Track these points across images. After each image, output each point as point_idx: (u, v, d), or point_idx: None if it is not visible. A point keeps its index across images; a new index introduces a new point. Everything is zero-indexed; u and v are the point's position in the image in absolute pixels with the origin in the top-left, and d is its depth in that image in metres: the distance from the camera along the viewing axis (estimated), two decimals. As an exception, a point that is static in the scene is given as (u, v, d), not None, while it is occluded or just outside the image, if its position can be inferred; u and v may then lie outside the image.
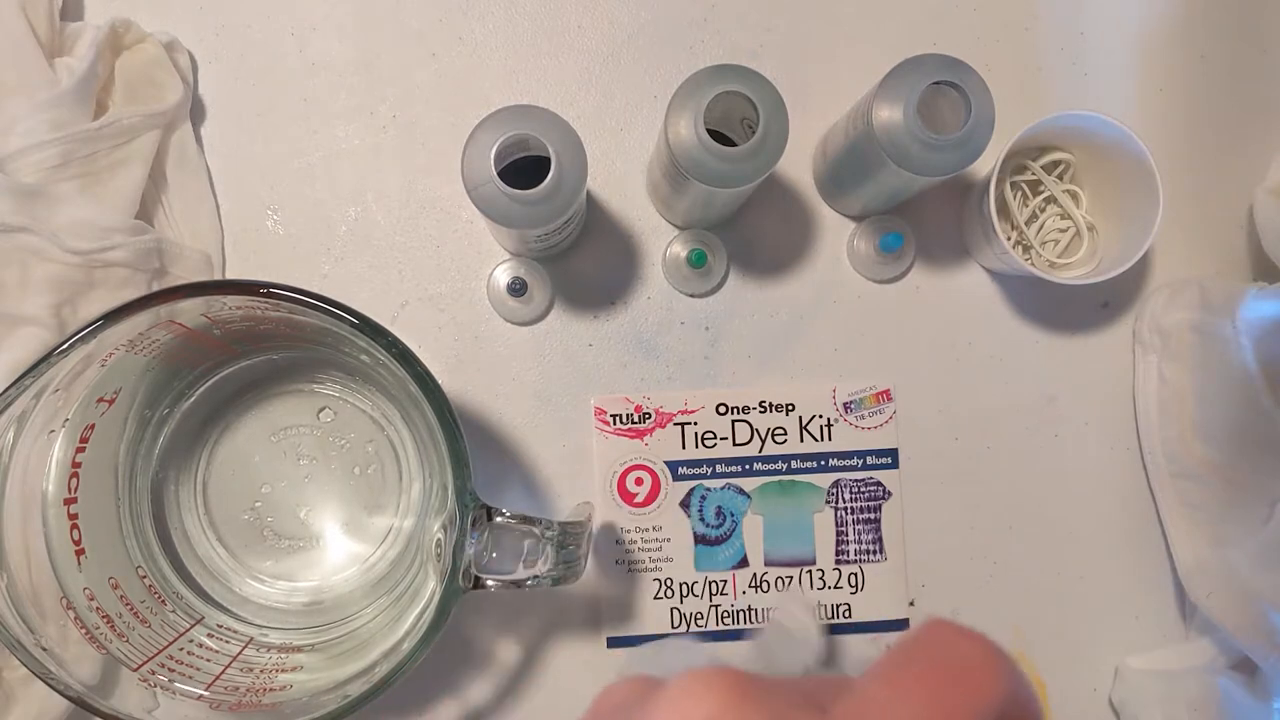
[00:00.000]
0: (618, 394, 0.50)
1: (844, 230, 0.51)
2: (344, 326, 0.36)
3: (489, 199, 0.39)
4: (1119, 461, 0.51)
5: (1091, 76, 0.52)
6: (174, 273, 0.47)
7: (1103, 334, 0.51)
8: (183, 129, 0.48)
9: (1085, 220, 0.50)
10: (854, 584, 0.49)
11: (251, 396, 0.46)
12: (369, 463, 0.46)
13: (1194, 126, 0.52)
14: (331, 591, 0.46)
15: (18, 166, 0.44)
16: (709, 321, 0.50)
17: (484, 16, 0.51)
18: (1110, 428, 0.51)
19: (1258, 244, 0.50)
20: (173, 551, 0.45)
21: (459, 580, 0.35)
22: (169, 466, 0.45)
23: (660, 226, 0.50)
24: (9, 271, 0.43)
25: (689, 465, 0.49)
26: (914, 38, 0.51)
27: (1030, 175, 0.50)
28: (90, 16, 0.49)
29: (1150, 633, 0.50)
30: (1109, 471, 0.51)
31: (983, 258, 0.50)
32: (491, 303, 0.49)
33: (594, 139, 0.50)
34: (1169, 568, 0.50)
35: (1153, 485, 0.50)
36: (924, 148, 0.40)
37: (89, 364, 0.37)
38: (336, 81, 0.50)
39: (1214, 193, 0.52)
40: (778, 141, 0.39)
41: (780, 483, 0.50)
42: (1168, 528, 0.50)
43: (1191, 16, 0.52)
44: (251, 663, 0.41)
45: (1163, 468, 0.49)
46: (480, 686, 0.48)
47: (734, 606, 0.49)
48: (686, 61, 0.51)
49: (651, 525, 0.49)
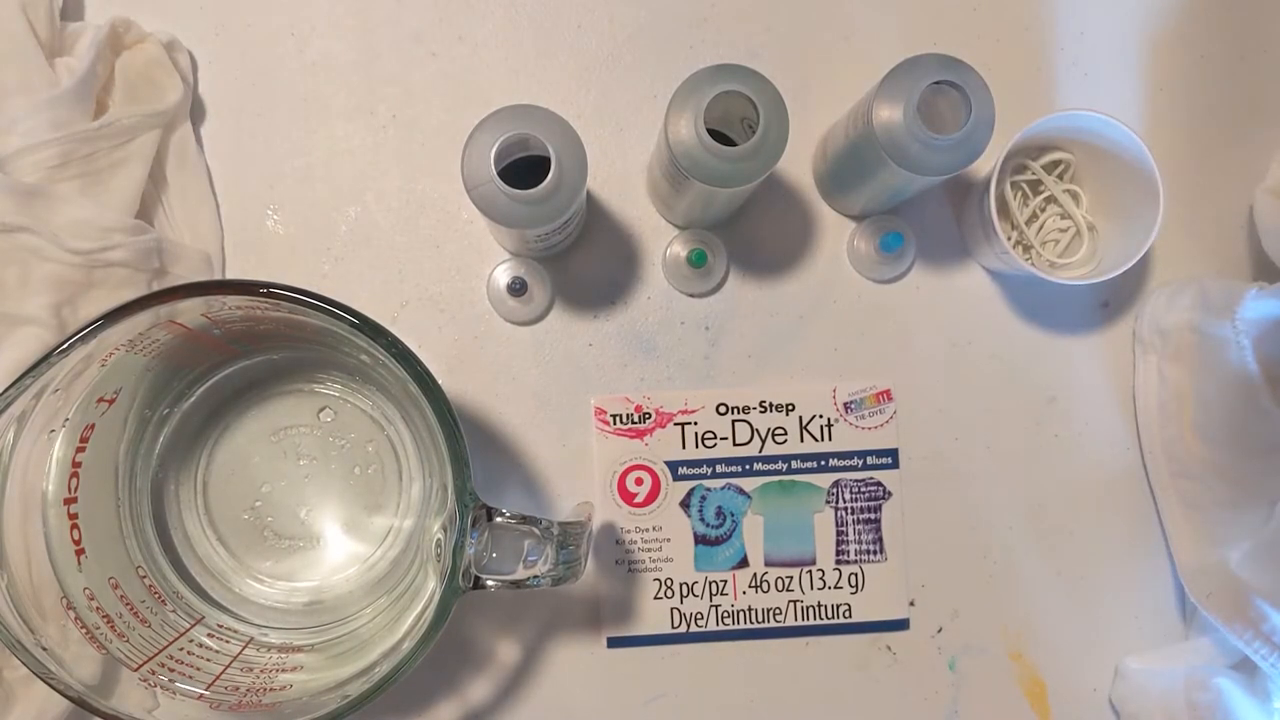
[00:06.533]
0: (618, 394, 0.50)
1: (844, 230, 0.51)
2: (344, 326, 0.36)
3: (489, 199, 0.39)
4: (1119, 461, 0.51)
5: (1091, 76, 0.52)
6: (174, 273, 0.47)
7: (1103, 334, 0.51)
8: (183, 129, 0.48)
9: (1085, 220, 0.50)
10: (854, 584, 0.49)
11: (251, 396, 0.46)
12: (369, 463, 0.46)
13: (1194, 126, 0.52)
14: (331, 591, 0.46)
15: (18, 166, 0.44)
16: (709, 321, 0.50)
17: (484, 16, 0.51)
18: (1110, 428, 0.51)
19: (1258, 244, 0.50)
20: (173, 551, 0.45)
21: (459, 580, 0.35)
22: (169, 466, 0.45)
23: (660, 226, 0.50)
24: (9, 271, 0.43)
25: (689, 465, 0.49)
26: (914, 38, 0.51)
27: (1030, 175, 0.50)
28: (90, 16, 0.49)
29: (1150, 633, 0.50)
30: (1109, 471, 0.51)
31: (983, 258, 0.50)
32: (491, 303, 0.49)
33: (594, 139, 0.50)
34: (1169, 568, 0.50)
35: (1153, 485, 0.50)
36: (924, 148, 0.40)
37: (89, 364, 0.37)
38: (336, 81, 0.50)
39: (1214, 193, 0.52)
40: (778, 141, 0.39)
41: (780, 483, 0.50)
42: (1168, 528, 0.50)
43: (1191, 16, 0.52)
44: (251, 663, 0.41)
45: (1163, 468, 0.49)
46: (480, 686, 0.48)
47: (734, 607, 0.49)
48: (686, 61, 0.51)
49: (651, 525, 0.49)
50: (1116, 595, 0.50)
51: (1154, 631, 0.50)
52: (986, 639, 0.50)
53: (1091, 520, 0.51)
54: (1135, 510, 0.51)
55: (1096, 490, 0.51)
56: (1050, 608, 0.50)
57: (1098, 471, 0.51)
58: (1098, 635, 0.50)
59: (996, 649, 0.50)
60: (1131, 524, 0.51)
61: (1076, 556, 0.50)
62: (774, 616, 0.49)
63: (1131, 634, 0.50)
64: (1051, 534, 0.50)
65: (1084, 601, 0.50)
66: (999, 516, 0.50)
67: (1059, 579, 0.50)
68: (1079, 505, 0.51)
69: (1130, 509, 0.51)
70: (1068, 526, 0.51)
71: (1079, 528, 0.51)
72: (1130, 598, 0.51)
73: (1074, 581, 0.50)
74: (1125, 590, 0.51)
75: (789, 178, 0.51)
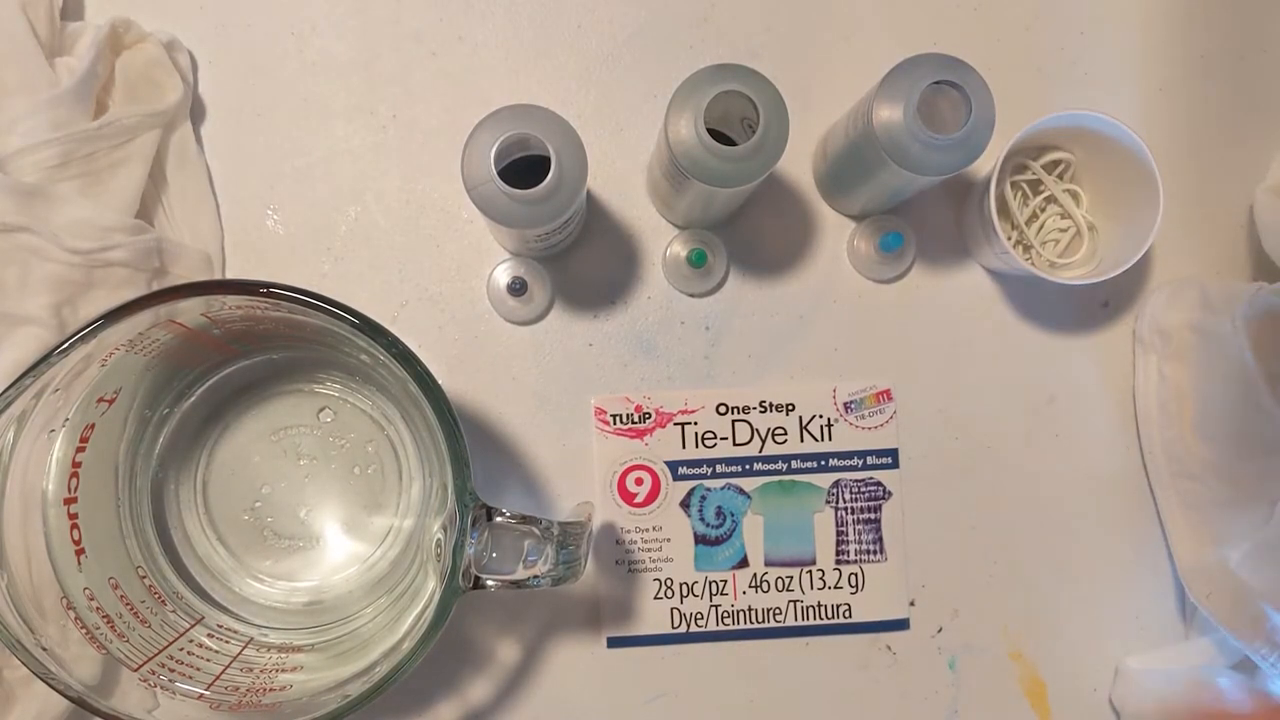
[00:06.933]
0: (618, 394, 0.50)
1: (844, 230, 0.51)
2: (344, 326, 0.36)
3: (489, 199, 0.39)
4: (1119, 461, 0.51)
5: (1091, 76, 0.52)
6: (174, 272, 0.47)
7: (1103, 334, 0.51)
8: (183, 129, 0.48)
9: (1085, 220, 0.50)
10: (854, 584, 0.49)
11: (251, 396, 0.46)
12: (369, 463, 0.46)
13: (1194, 126, 0.52)
14: (331, 591, 0.46)
15: (18, 166, 0.44)
16: (709, 321, 0.50)
17: (484, 16, 0.51)
18: (1110, 428, 0.51)
19: (1258, 244, 0.50)
20: (173, 551, 0.45)
21: (459, 580, 0.35)
22: (169, 466, 0.45)
23: (660, 226, 0.50)
24: (9, 271, 0.43)
25: (689, 465, 0.49)
26: (914, 38, 0.51)
27: (1030, 175, 0.50)
28: (90, 16, 0.49)
29: (1150, 633, 0.50)
30: (1109, 471, 0.51)
31: (983, 258, 0.50)
32: (491, 302, 0.49)
33: (594, 139, 0.50)
34: (1169, 568, 0.50)
35: (1153, 485, 0.50)
36: (924, 148, 0.40)
37: (89, 364, 0.37)
38: (336, 81, 0.50)
39: (1214, 193, 0.52)
40: (778, 141, 0.39)
41: (780, 483, 0.50)
42: (1168, 528, 0.50)
43: (1191, 16, 0.52)
44: (251, 663, 0.41)
45: (1163, 468, 0.49)
46: (480, 686, 0.48)
47: (734, 606, 0.49)
48: (686, 61, 0.51)
49: (651, 525, 0.49)
50: (1116, 595, 0.50)
51: (1154, 631, 0.50)
52: (986, 639, 0.50)
53: (1091, 520, 0.51)
54: (1135, 510, 0.51)
55: (1096, 490, 0.51)
56: (1050, 608, 0.50)
57: (1098, 471, 0.51)
58: (1098, 635, 0.50)
59: (996, 649, 0.50)
60: (1131, 524, 0.51)
61: (1076, 556, 0.50)
62: (774, 616, 0.49)
63: (1131, 634, 0.50)
64: (1051, 534, 0.50)
65: (1084, 601, 0.50)
66: (999, 516, 0.50)
67: (1059, 579, 0.50)
68: (1079, 505, 0.51)
69: (1130, 509, 0.51)
70: (1068, 526, 0.51)
71: (1079, 528, 0.51)
72: (1130, 598, 0.51)
73: (1074, 581, 0.50)
74: (1125, 590, 0.51)
75: (789, 178, 0.51)
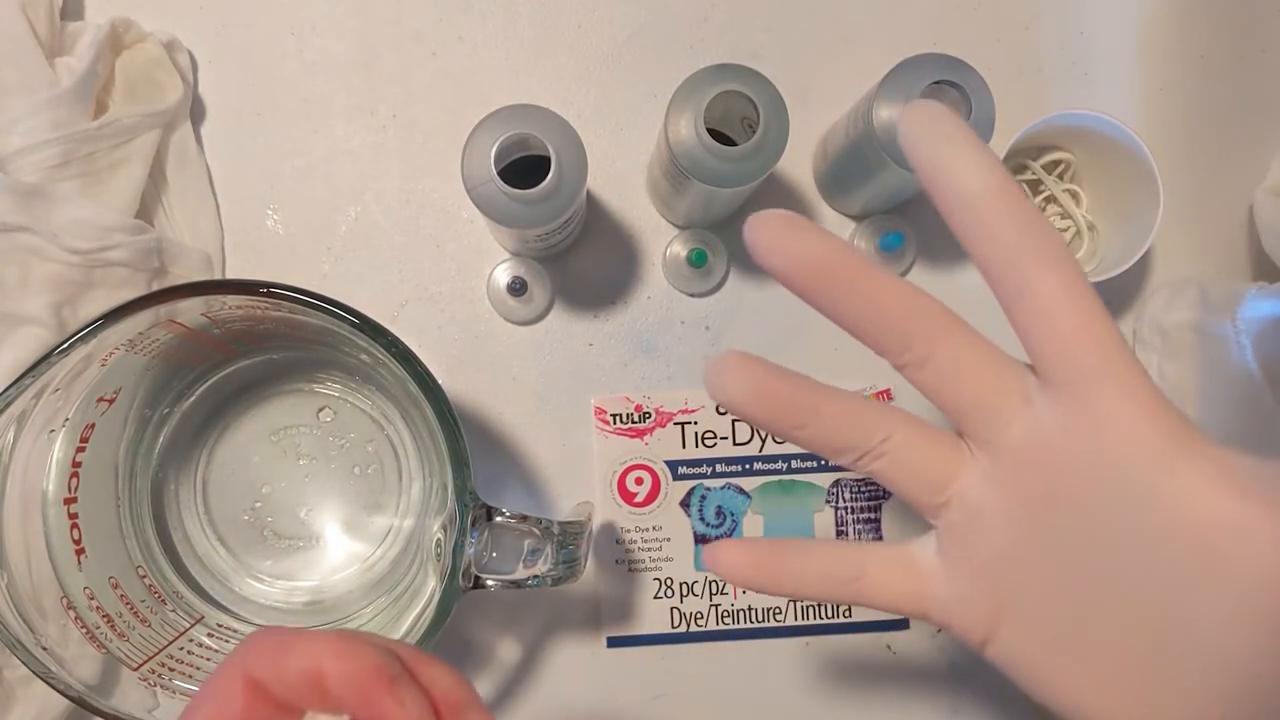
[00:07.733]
0: (618, 393, 0.50)
1: (844, 230, 0.51)
2: (344, 326, 0.36)
3: (489, 199, 0.39)
4: (1119, 461, 0.51)
5: (1091, 76, 0.52)
6: (174, 272, 0.47)
7: (1103, 334, 0.51)
8: (183, 129, 0.48)
9: (1085, 220, 0.50)
10: (854, 584, 0.49)
11: (251, 396, 0.46)
12: (369, 462, 0.46)
13: (1194, 126, 0.52)
14: (331, 591, 0.46)
15: (18, 166, 0.44)
16: (709, 321, 0.50)
17: (484, 16, 0.51)
18: (1110, 428, 0.51)
19: (1258, 244, 0.50)
20: (173, 551, 0.45)
21: (459, 580, 0.35)
22: (169, 466, 0.45)
23: (660, 226, 0.50)
24: (9, 271, 0.43)
25: (689, 465, 0.49)
26: (914, 38, 0.51)
27: (1030, 175, 0.50)
28: (90, 16, 0.49)
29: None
30: (1109, 471, 0.51)
31: (983, 258, 0.50)
32: (491, 302, 0.49)
33: (594, 139, 0.50)
34: (1169, 568, 0.50)
35: (1153, 485, 0.50)
36: (924, 147, 0.40)
37: (89, 364, 0.37)
38: (336, 81, 0.50)
39: (1214, 193, 0.52)
40: (778, 141, 0.39)
41: (780, 482, 0.50)
42: (1168, 528, 0.49)
43: (1191, 16, 0.52)
44: (251, 662, 0.41)
45: (1163, 468, 0.49)
46: (480, 686, 0.48)
47: (734, 606, 0.49)
48: (686, 61, 0.51)
49: (651, 525, 0.49)
50: (1116, 595, 0.50)
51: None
52: (986, 639, 0.50)
53: (1091, 520, 0.51)
54: (1135, 510, 0.51)
55: (1096, 490, 0.51)
56: (1050, 608, 0.50)
57: (1098, 471, 0.51)
58: (1098, 635, 0.50)
59: (996, 649, 0.50)
60: (1131, 524, 0.51)
61: (1076, 556, 0.50)
62: (774, 616, 0.49)
63: (1131, 634, 0.50)
64: (1051, 534, 0.50)
65: (1084, 601, 0.50)
66: (999, 516, 0.50)
67: (1059, 579, 0.50)
68: (1079, 505, 0.51)
69: (1130, 509, 0.51)
70: (1068, 526, 0.50)
71: (1079, 528, 0.50)
72: (1130, 598, 0.50)
73: (1074, 581, 0.50)
74: (1125, 590, 0.50)
75: (789, 178, 0.51)
